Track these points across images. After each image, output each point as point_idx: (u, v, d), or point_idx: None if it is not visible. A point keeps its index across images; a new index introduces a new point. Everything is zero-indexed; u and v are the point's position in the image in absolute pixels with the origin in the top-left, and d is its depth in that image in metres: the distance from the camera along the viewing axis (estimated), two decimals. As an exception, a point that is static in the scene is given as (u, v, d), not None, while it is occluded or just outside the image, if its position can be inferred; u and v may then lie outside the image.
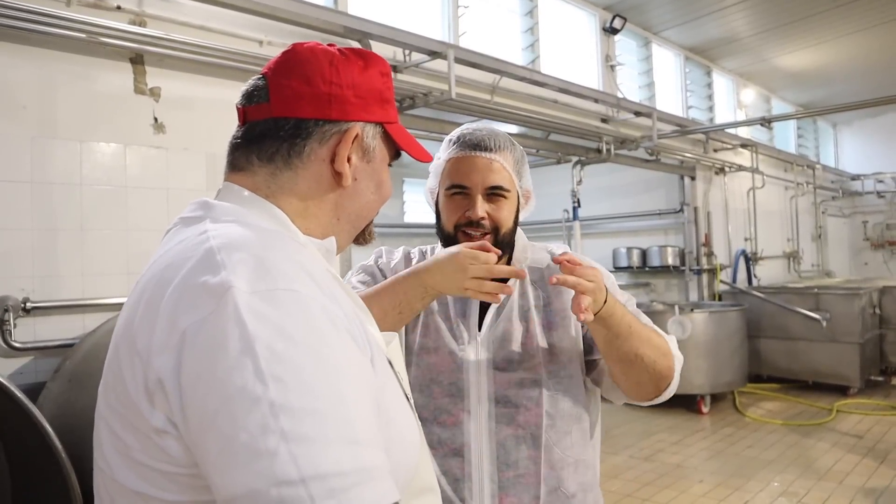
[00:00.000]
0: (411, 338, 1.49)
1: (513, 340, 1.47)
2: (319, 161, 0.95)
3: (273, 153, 0.93)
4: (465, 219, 1.48)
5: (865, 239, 13.30)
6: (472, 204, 1.47)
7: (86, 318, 3.11)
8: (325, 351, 0.73)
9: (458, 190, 1.49)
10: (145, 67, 3.38)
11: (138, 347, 0.76)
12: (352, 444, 0.69)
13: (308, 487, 0.65)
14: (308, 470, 0.65)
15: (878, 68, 9.61)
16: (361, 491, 0.67)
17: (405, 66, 4.67)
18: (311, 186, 0.95)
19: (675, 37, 8.28)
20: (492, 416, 1.42)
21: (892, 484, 4.87)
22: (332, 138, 0.95)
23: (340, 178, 0.96)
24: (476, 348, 1.46)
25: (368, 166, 1.00)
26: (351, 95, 0.95)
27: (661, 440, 6.20)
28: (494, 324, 1.49)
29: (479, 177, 1.47)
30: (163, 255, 0.85)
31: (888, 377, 8.41)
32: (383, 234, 8.29)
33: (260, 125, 0.94)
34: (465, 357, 1.45)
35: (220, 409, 0.67)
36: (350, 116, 0.95)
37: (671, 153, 7.77)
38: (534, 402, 1.44)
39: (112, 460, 0.80)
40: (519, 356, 1.46)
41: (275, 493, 0.64)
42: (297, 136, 0.93)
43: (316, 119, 0.94)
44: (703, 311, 7.32)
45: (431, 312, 1.50)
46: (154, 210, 3.34)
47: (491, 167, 1.48)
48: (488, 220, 1.47)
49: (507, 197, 1.50)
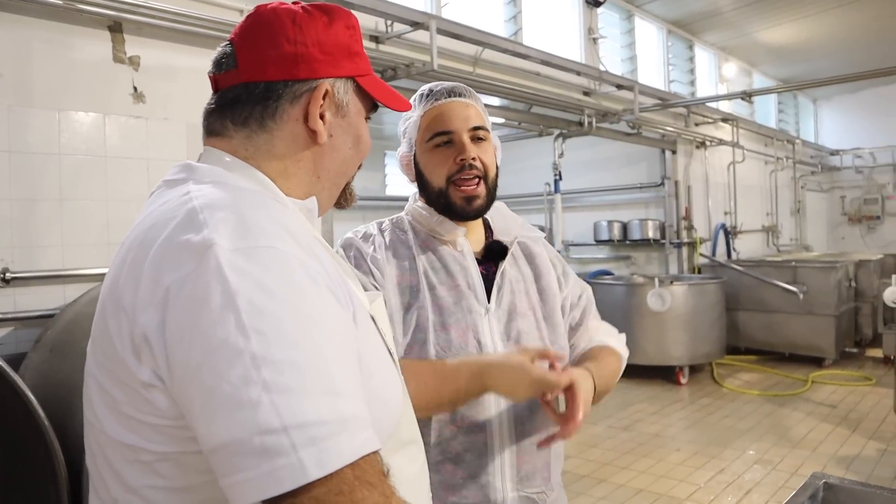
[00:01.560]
0: (423, 314, 1.44)
1: (518, 312, 1.50)
2: (293, 121, 0.95)
3: (246, 117, 0.94)
4: (455, 166, 1.46)
5: (843, 214, 13.48)
6: (462, 147, 1.46)
7: (66, 289, 3.09)
8: (305, 305, 0.75)
9: (443, 138, 1.48)
10: (124, 35, 3.33)
11: (124, 304, 0.77)
12: (331, 395, 0.71)
13: (290, 435, 0.67)
14: (289, 419, 0.67)
15: (859, 44, 9.66)
16: (341, 439, 0.69)
17: (387, 37, 4.64)
18: (287, 146, 0.96)
19: (658, 10, 8.27)
20: None
21: (863, 452, 4.99)
22: (302, 97, 0.95)
23: (316, 135, 0.96)
24: (489, 321, 1.47)
25: (343, 121, 1.00)
26: (317, 52, 0.95)
27: (641, 410, 6.30)
28: (499, 296, 1.50)
29: (461, 121, 1.47)
30: (147, 215, 0.86)
31: (862, 349, 8.57)
32: (365, 206, 8.26)
33: (231, 91, 0.95)
34: (483, 332, 1.45)
35: (204, 361, 0.69)
36: (318, 74, 0.96)
37: (653, 127, 7.80)
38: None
39: (101, 414, 0.82)
40: (526, 327, 1.50)
41: (257, 440, 0.66)
42: (268, 99, 0.94)
43: (284, 80, 0.94)
44: (683, 284, 7.41)
45: (435, 287, 1.47)
46: (134, 180, 3.31)
47: (469, 111, 1.49)
48: (478, 161, 1.47)
49: (488, 139, 1.52)
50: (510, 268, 1.55)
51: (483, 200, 1.49)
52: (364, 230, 1.57)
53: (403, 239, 1.54)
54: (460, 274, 1.50)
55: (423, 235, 1.54)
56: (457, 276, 1.49)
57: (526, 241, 1.63)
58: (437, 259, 1.51)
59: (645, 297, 7.11)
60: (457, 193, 1.47)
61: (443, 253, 1.52)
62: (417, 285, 1.46)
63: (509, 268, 1.55)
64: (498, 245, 1.58)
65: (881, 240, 12.71)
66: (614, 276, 8.57)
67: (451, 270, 1.50)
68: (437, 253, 1.52)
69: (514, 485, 1.42)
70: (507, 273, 1.54)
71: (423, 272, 1.48)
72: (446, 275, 1.49)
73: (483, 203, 1.50)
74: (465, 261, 1.51)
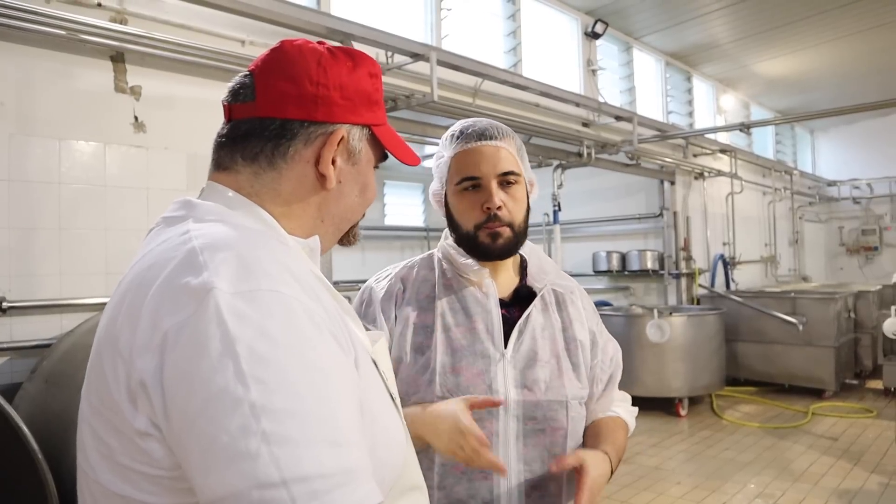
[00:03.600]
0: (432, 355, 1.41)
1: (538, 360, 1.44)
2: (304, 163, 0.93)
3: (257, 153, 0.92)
4: (483, 214, 1.43)
5: (841, 244, 13.49)
6: (488, 194, 1.42)
7: (63, 319, 3.08)
8: (307, 352, 0.73)
9: (470, 182, 1.44)
10: (126, 66, 3.35)
11: (120, 348, 0.75)
12: (334, 446, 0.69)
13: (290, 489, 0.65)
14: (290, 472, 0.65)
15: (856, 76, 9.76)
16: (344, 493, 0.67)
17: (387, 68, 4.67)
18: (294, 188, 0.94)
19: (657, 42, 8.35)
20: (520, 437, 1.40)
21: (865, 486, 4.94)
22: (317, 140, 0.93)
23: (324, 180, 0.94)
24: (503, 367, 1.42)
25: (353, 169, 0.99)
26: (338, 97, 0.94)
27: (640, 442, 6.24)
28: (518, 341, 1.45)
29: (489, 165, 1.44)
30: (145, 255, 0.84)
31: (862, 380, 8.52)
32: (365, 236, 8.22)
33: (245, 124, 0.93)
34: (495, 377, 1.40)
35: (202, 410, 0.67)
36: (336, 118, 0.94)
37: (651, 158, 7.83)
38: (558, 423, 1.43)
39: (95, 463, 0.79)
40: (545, 375, 1.44)
41: (256, 495, 0.64)
42: (282, 137, 0.92)
43: (301, 120, 0.92)
44: (682, 315, 7.38)
45: (450, 328, 1.43)
46: (134, 210, 3.31)
47: (499, 154, 1.45)
48: (504, 210, 1.43)
49: (519, 182, 1.47)
50: (537, 314, 1.50)
51: (508, 241, 1.45)
52: (387, 273, 1.56)
53: (429, 277, 1.51)
54: (480, 316, 1.46)
55: (449, 274, 1.51)
56: (476, 318, 1.45)
57: (561, 289, 1.57)
58: (457, 300, 1.47)
59: (644, 328, 7.08)
60: (483, 233, 1.44)
61: (465, 294, 1.48)
62: (432, 325, 1.43)
63: (536, 314, 1.49)
64: (527, 290, 1.53)
65: (879, 270, 12.69)
66: (613, 306, 8.52)
67: (470, 312, 1.46)
68: (460, 294, 1.48)
69: None
70: (532, 319, 1.48)
71: (440, 312, 1.45)
72: (465, 316, 1.45)
73: (508, 243, 1.45)
74: (489, 303, 1.47)
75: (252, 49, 3.84)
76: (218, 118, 0.98)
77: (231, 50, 3.70)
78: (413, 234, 10.31)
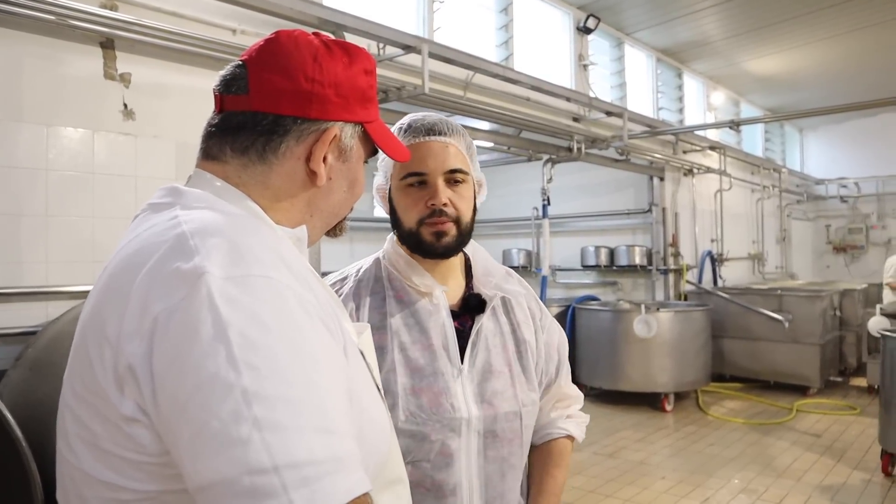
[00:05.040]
0: (391, 377, 1.35)
1: (493, 372, 1.42)
2: (294, 159, 0.93)
3: (247, 146, 0.91)
4: (427, 210, 1.37)
5: (828, 242, 13.60)
6: (434, 190, 1.37)
7: (49, 306, 3.06)
8: (299, 338, 0.72)
9: (416, 178, 1.39)
10: (116, 52, 3.32)
11: (107, 334, 0.74)
12: (325, 433, 0.69)
13: (280, 475, 0.64)
14: (281, 458, 0.65)
15: (845, 75, 9.81)
16: (334, 479, 0.67)
17: (379, 60, 4.65)
18: (283, 183, 0.93)
19: (648, 38, 8.36)
20: (480, 452, 1.37)
21: (847, 481, 4.99)
22: (309, 137, 0.93)
23: (315, 177, 0.94)
24: (462, 383, 1.38)
25: (344, 166, 0.99)
26: (332, 94, 0.93)
27: (625, 437, 6.27)
28: (473, 355, 1.41)
29: (436, 161, 1.38)
30: (131, 240, 0.83)
31: (847, 378, 8.60)
32: (354, 227, 8.26)
33: (237, 116, 0.92)
34: (455, 395, 1.36)
35: (193, 395, 0.67)
36: (330, 116, 0.94)
37: (641, 153, 7.85)
38: (515, 433, 1.42)
39: (78, 449, 0.78)
40: (500, 387, 1.41)
41: (247, 480, 0.64)
42: (275, 133, 0.91)
43: (295, 117, 0.91)
44: (669, 311, 7.41)
45: (406, 347, 1.38)
46: (122, 198, 3.29)
47: (447, 151, 1.40)
48: (451, 206, 1.38)
49: (466, 182, 1.42)
50: (487, 321, 1.46)
51: (453, 239, 1.39)
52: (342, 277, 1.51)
53: (377, 290, 1.45)
54: (434, 331, 1.41)
55: (397, 285, 1.45)
56: (430, 333, 1.40)
57: (508, 294, 1.53)
58: (410, 315, 1.41)
59: (631, 323, 7.11)
60: (427, 230, 1.38)
61: (418, 308, 1.42)
62: (386, 346, 1.37)
63: (486, 321, 1.46)
64: (475, 299, 1.47)
65: (865, 269, 12.79)
66: (600, 301, 8.56)
67: (424, 327, 1.40)
68: (412, 308, 1.42)
69: None
70: (483, 329, 1.44)
71: (394, 331, 1.39)
72: (419, 332, 1.40)
73: (452, 241, 1.40)
74: (440, 316, 1.42)
75: (243, 38, 3.81)
76: (208, 107, 0.97)
77: (222, 38, 3.67)
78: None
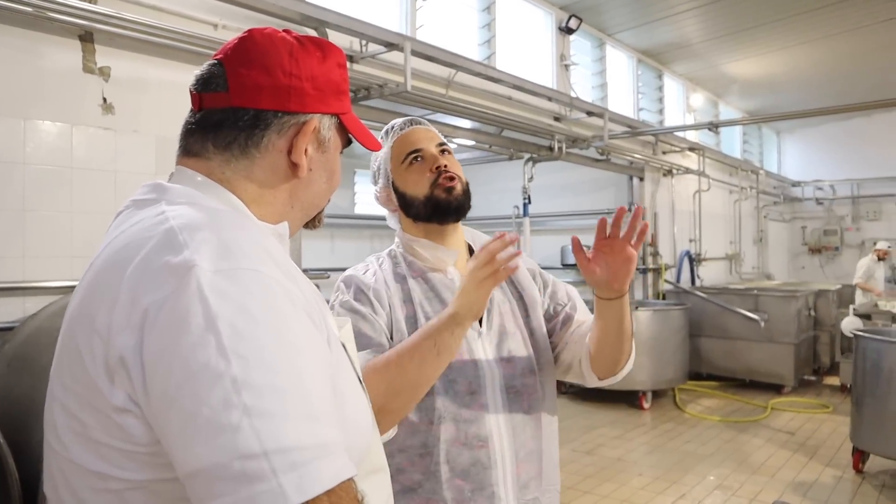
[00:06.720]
0: None
1: (507, 333, 1.59)
2: (277, 152, 0.96)
3: (230, 142, 0.94)
4: (433, 174, 1.57)
5: (804, 244, 13.78)
6: (434, 157, 1.59)
7: (27, 301, 3.03)
8: (285, 330, 0.75)
9: (415, 155, 1.59)
10: (95, 46, 3.29)
11: (97, 327, 0.76)
12: (311, 420, 0.71)
13: (270, 460, 0.67)
14: (270, 443, 0.67)
15: (823, 79, 9.92)
16: (321, 464, 0.69)
17: (361, 57, 4.65)
18: (266, 175, 0.96)
19: (629, 39, 8.41)
20: (505, 406, 1.53)
21: (819, 478, 5.07)
22: (290, 130, 0.96)
23: (297, 168, 0.97)
24: (482, 344, 1.55)
25: (323, 157, 1.02)
26: (310, 87, 0.97)
27: (603, 434, 6.32)
28: (489, 318, 1.58)
29: (427, 139, 1.62)
30: (118, 236, 0.84)
31: (820, 377, 8.73)
32: (334, 224, 8.26)
33: (217, 113, 0.94)
34: (478, 355, 1.54)
35: (183, 384, 0.69)
36: (308, 108, 0.97)
37: (621, 154, 7.91)
38: (532, 387, 1.57)
39: (67, 441, 0.80)
40: (515, 346, 1.58)
41: (237, 465, 0.66)
42: (256, 127, 0.94)
43: (275, 111, 0.94)
44: (648, 310, 7.49)
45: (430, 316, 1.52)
46: (101, 193, 3.26)
47: (431, 132, 1.66)
48: (451, 168, 1.59)
49: (452, 154, 1.65)
50: (496, 291, 1.61)
51: (462, 192, 1.58)
52: (364, 267, 1.65)
53: (399, 271, 1.62)
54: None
55: (416, 266, 1.62)
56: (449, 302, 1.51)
57: None
58: (430, 288, 1.59)
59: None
60: (438, 190, 1.56)
61: (435, 282, 1.60)
62: (414, 315, 1.54)
63: (495, 292, 1.61)
64: None
65: (839, 270, 12.98)
66: (580, 299, 8.56)
67: (443, 298, 1.57)
68: (431, 282, 1.60)
69: (515, 493, 1.51)
70: (494, 297, 1.61)
71: (418, 303, 1.55)
72: (440, 303, 1.56)
73: (462, 195, 1.58)
74: (456, 286, 1.58)
75: (224, 33, 3.79)
76: (189, 102, 0.98)
77: (203, 33, 3.65)
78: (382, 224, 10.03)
